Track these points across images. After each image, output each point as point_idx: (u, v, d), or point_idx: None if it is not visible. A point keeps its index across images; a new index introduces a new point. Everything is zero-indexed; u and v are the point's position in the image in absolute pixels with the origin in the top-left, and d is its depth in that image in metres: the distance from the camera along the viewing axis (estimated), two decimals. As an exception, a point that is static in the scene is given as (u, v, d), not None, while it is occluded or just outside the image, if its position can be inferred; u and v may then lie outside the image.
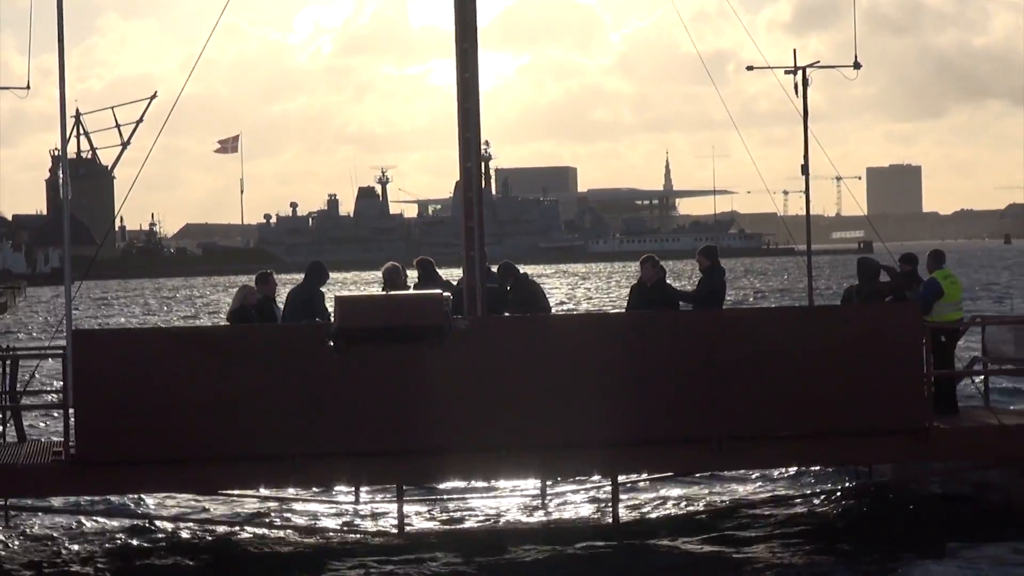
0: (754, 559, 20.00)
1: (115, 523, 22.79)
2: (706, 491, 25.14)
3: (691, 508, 23.94)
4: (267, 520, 23.31)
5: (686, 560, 19.95)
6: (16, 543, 21.76)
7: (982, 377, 24.36)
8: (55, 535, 22.27)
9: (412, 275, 23.39)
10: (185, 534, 22.46)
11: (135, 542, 21.92)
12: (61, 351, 21.76)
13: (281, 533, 22.34)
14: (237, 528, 22.79)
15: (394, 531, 21.94)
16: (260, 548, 21.37)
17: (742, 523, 22.54)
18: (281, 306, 22.64)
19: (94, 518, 22.84)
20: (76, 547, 21.58)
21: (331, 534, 22.27)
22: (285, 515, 23.63)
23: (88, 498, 23.23)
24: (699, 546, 20.92)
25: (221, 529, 22.75)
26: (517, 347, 21.17)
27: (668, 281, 23.35)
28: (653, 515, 23.38)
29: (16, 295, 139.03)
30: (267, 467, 20.87)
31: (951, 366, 23.57)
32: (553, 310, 25.00)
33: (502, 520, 23.14)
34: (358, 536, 22.11)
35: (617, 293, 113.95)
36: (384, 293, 22.07)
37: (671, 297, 22.94)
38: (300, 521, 23.24)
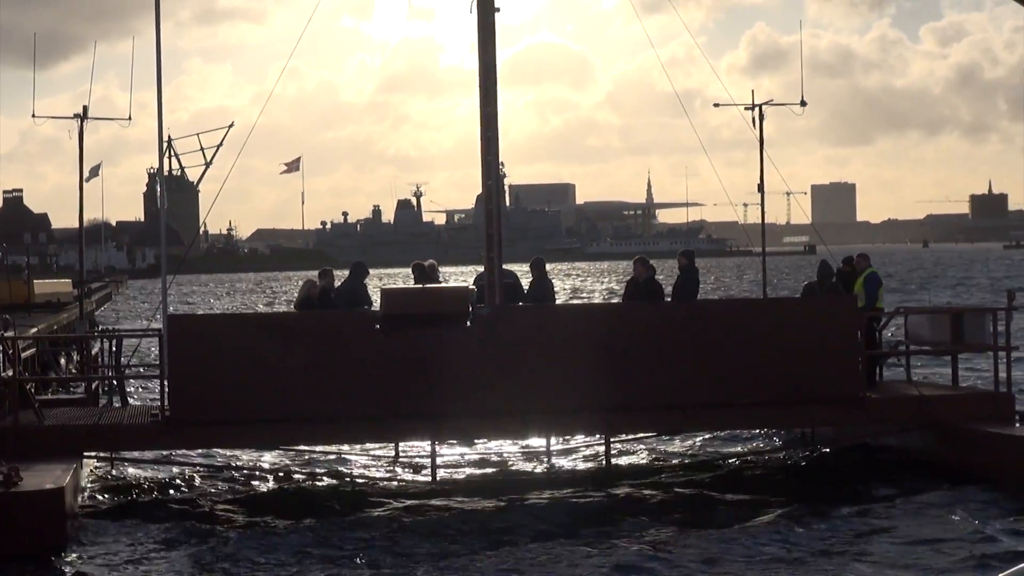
0: (721, 501, 19.97)
1: (199, 471, 22.81)
2: (682, 448, 25.15)
3: (670, 461, 23.93)
4: (324, 470, 23.31)
5: (664, 502, 19.93)
6: (121, 487, 21.80)
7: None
8: (151, 480, 22.30)
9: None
10: (255, 480, 22.48)
11: (215, 485, 21.94)
12: (158, 332, 21.79)
13: (335, 480, 22.34)
14: (299, 476, 22.81)
15: (428, 479, 21.95)
16: (318, 492, 21.37)
17: (711, 473, 22.50)
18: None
19: (183, 467, 22.85)
20: (167, 489, 21.60)
21: (377, 481, 22.28)
22: (338, 466, 23.62)
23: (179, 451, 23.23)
24: (676, 491, 20.88)
25: (285, 476, 22.77)
26: (529, 331, 21.19)
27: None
28: (638, 467, 23.38)
29: (119, 287, 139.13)
30: (323, 427, 20.89)
31: (875, 347, 23.57)
32: (558, 300, 24.92)
33: (516, 470, 23.13)
34: (398, 483, 22.13)
35: (608, 286, 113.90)
36: (421, 286, 22.11)
37: (659, 292, 23.00)
38: (352, 471, 23.24)
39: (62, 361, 35.20)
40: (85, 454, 20.70)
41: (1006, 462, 20.24)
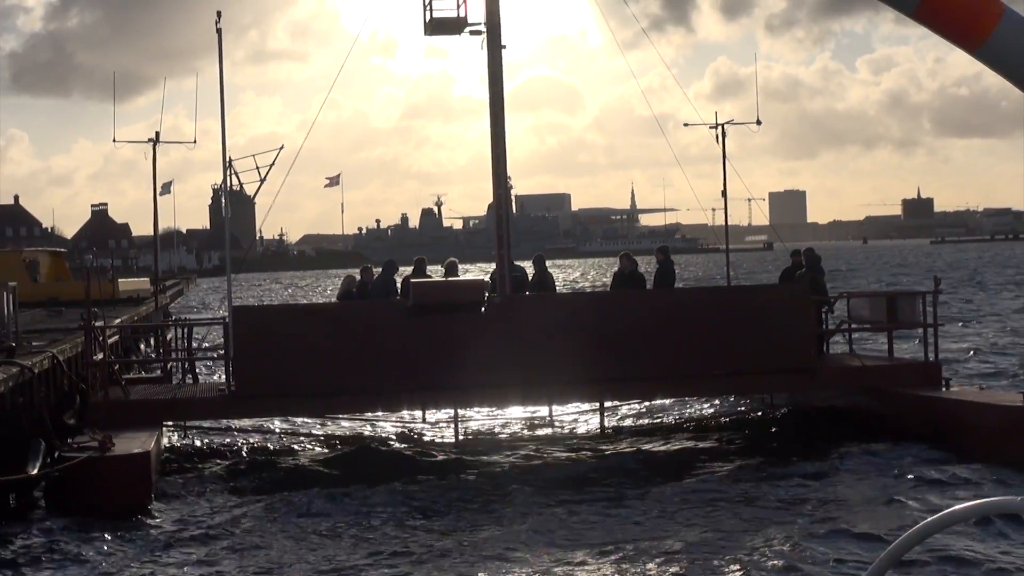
0: (695, 456, 20.00)
1: (258, 436, 22.90)
2: (662, 412, 25.17)
3: (653, 423, 23.97)
4: (361, 434, 23.35)
5: (649, 458, 19.98)
6: (193, 450, 21.87)
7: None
8: (219, 445, 22.37)
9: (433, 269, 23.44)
10: (306, 443, 22.53)
11: (273, 449, 22.01)
12: (223, 321, 21.84)
13: (374, 442, 22.39)
14: (343, 439, 22.85)
15: (451, 440, 22.01)
16: (360, 451, 21.41)
17: (687, 433, 22.55)
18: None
19: (246, 433, 22.94)
20: (233, 452, 21.67)
21: (410, 443, 22.32)
22: (375, 431, 23.67)
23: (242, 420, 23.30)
24: (658, 449, 20.94)
25: (329, 439, 22.81)
26: (534, 316, 21.23)
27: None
28: (627, 429, 23.42)
29: (189, 284, 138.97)
30: (363, 398, 20.94)
31: (820, 325, 23.65)
32: (557, 290, 24.97)
33: (524, 432, 23.17)
34: (427, 443, 22.18)
35: (598, 278, 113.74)
36: (444, 279, 22.18)
37: (641, 282, 23.06)
38: (386, 434, 23.28)
39: (142, 346, 35.29)
40: (164, 424, 20.77)
41: (935, 420, 20.27)
